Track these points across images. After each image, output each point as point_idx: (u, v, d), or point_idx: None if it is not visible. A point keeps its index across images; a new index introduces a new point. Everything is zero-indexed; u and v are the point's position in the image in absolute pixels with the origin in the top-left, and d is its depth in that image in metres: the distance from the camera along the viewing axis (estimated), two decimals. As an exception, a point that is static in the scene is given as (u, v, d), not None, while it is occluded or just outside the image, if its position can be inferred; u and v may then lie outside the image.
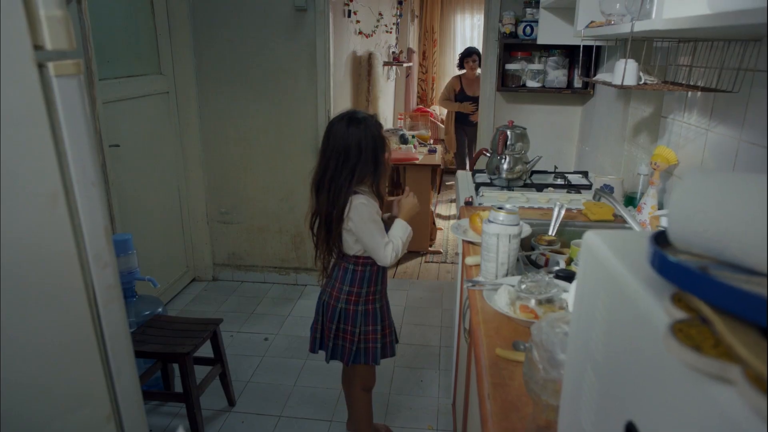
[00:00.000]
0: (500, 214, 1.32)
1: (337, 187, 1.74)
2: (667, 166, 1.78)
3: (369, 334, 1.88)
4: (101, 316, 0.92)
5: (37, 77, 0.78)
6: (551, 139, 3.19)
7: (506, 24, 2.90)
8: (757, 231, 0.44)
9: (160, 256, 3.26)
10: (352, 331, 1.87)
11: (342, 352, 1.91)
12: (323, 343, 1.93)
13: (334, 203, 1.75)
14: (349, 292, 1.84)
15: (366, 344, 1.89)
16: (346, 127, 1.72)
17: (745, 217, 0.45)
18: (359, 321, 1.86)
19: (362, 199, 1.73)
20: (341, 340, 1.89)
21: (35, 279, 0.85)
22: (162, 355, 2.07)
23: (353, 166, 1.72)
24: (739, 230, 0.45)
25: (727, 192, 0.47)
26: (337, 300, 1.85)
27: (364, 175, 1.74)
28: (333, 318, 1.86)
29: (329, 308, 1.87)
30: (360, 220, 1.73)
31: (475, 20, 7.67)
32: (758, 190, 0.45)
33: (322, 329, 1.92)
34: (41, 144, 0.79)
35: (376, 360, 1.90)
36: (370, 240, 1.75)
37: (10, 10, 0.73)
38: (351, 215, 1.72)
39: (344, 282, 1.85)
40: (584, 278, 0.65)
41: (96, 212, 0.87)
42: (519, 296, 1.20)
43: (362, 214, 1.72)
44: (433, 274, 3.96)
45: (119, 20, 2.87)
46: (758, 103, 1.35)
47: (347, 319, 1.86)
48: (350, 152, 1.72)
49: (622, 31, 1.42)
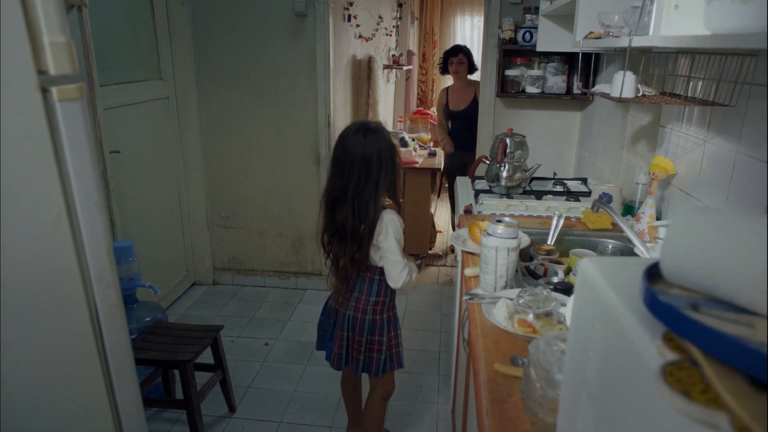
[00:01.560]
0: (499, 227, 1.33)
1: (362, 201, 1.73)
2: (665, 175, 1.79)
3: (392, 340, 1.90)
4: (104, 334, 0.93)
5: (41, 102, 0.79)
6: (550, 144, 3.20)
7: (506, 30, 2.91)
8: (747, 271, 0.45)
9: (160, 260, 3.27)
10: (380, 340, 1.88)
11: (371, 364, 1.90)
12: (349, 358, 1.91)
13: (362, 218, 1.73)
14: (376, 302, 1.85)
15: (391, 351, 1.90)
16: (363, 138, 1.71)
17: (737, 258, 0.46)
18: (385, 329, 1.88)
19: (393, 215, 1.76)
20: (370, 352, 1.89)
21: (39, 299, 0.86)
22: (163, 362, 2.08)
23: (377, 178, 1.72)
24: (730, 270, 0.46)
25: (720, 232, 0.48)
26: (365, 312, 1.85)
27: (386, 185, 1.75)
28: (362, 331, 1.86)
29: (357, 322, 1.86)
30: (390, 237, 1.75)
31: (475, 21, 7.68)
32: (749, 231, 0.46)
33: (348, 345, 1.89)
34: (45, 167, 0.80)
35: (401, 363, 1.93)
36: (391, 257, 1.77)
37: (15, 37, 0.74)
38: (383, 230, 1.74)
39: (371, 293, 1.85)
40: (580, 306, 0.65)
41: (98, 232, 0.88)
42: (517, 310, 1.21)
43: (391, 231, 1.75)
44: (433, 278, 3.97)
45: (120, 26, 2.88)
46: (755, 117, 1.36)
47: (374, 329, 1.87)
48: (372, 163, 1.71)
49: (620, 45, 1.42)
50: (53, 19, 0.76)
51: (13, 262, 0.82)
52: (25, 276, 0.84)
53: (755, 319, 0.45)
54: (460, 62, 3.89)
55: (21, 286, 0.84)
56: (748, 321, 0.44)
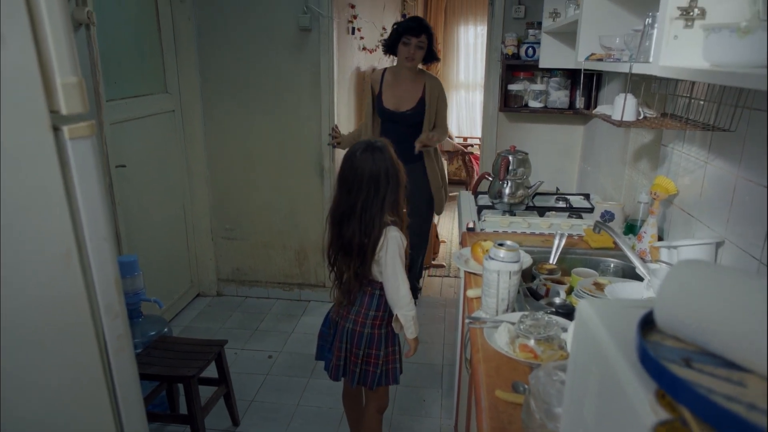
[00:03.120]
0: (501, 251, 1.35)
1: (369, 218, 1.77)
2: (666, 195, 1.80)
3: (390, 356, 1.92)
4: (111, 364, 0.95)
5: (53, 141, 0.81)
6: (553, 158, 3.22)
7: (509, 45, 2.93)
8: (740, 329, 0.46)
9: (165, 271, 3.29)
10: (377, 354, 1.90)
11: (367, 377, 1.93)
12: (347, 369, 1.94)
13: (367, 234, 1.78)
14: (374, 317, 1.88)
15: (387, 366, 1.92)
16: (371, 157, 1.76)
17: (730, 315, 0.47)
18: (383, 344, 1.90)
19: (396, 232, 1.78)
20: (366, 365, 1.92)
21: (49, 330, 0.88)
22: (167, 377, 2.09)
23: (383, 195, 1.77)
24: (723, 327, 0.47)
25: (714, 288, 0.49)
26: (363, 325, 1.88)
27: (392, 202, 1.78)
28: (360, 344, 1.89)
29: (355, 335, 1.89)
30: (392, 254, 1.78)
31: (479, 30, 7.72)
32: (743, 289, 0.48)
33: (346, 356, 1.93)
34: (56, 204, 0.82)
35: (397, 380, 1.94)
36: (392, 275, 1.79)
37: (29, 78, 0.77)
38: (385, 246, 1.77)
39: (370, 307, 1.88)
40: (578, 348, 0.67)
41: (107, 266, 0.90)
42: (519, 335, 1.22)
43: (394, 249, 1.78)
44: (436, 289, 3.98)
45: (126, 41, 2.92)
46: (755, 142, 1.37)
47: (372, 343, 1.89)
48: (379, 181, 1.76)
49: (620, 70, 1.44)
50: (65, 60, 0.78)
51: (25, 295, 0.84)
52: (36, 309, 0.86)
53: (747, 377, 0.46)
54: (419, 45, 2.90)
55: (32, 318, 0.86)
56: (740, 378, 0.46)
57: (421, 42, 2.93)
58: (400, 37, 2.94)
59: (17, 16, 0.71)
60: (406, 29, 2.91)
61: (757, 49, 0.95)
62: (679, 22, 1.13)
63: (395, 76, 3.08)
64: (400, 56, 2.97)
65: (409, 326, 1.85)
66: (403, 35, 2.92)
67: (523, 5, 3.04)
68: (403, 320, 1.84)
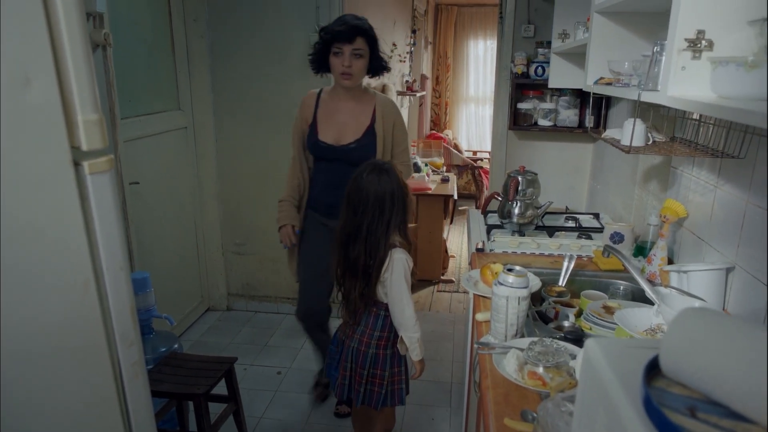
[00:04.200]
0: (510, 277, 1.36)
1: (374, 240, 1.79)
2: (676, 218, 1.80)
3: (395, 376, 1.93)
4: (126, 390, 0.96)
5: (73, 175, 0.83)
6: (563, 176, 3.22)
7: (518, 64, 2.95)
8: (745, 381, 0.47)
9: (175, 286, 3.32)
10: (382, 375, 1.91)
11: (371, 397, 1.93)
12: (352, 388, 1.95)
13: (372, 255, 1.80)
14: (380, 337, 1.89)
15: (393, 386, 1.93)
16: (377, 179, 1.78)
17: (735, 367, 0.48)
18: (387, 364, 1.91)
19: (402, 254, 1.80)
20: (371, 385, 1.93)
21: (66, 357, 0.90)
22: (177, 395, 2.11)
23: (389, 217, 1.79)
24: (728, 377, 0.48)
25: (719, 338, 0.50)
26: (368, 346, 1.89)
27: (398, 223, 1.80)
28: (364, 364, 1.90)
29: (360, 355, 1.90)
30: (397, 276, 1.79)
31: (488, 44, 7.77)
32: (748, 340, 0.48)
33: (351, 376, 1.94)
34: (75, 236, 0.85)
35: (402, 401, 1.94)
36: (397, 296, 1.80)
37: (52, 116, 0.79)
38: (390, 267, 1.79)
39: (375, 328, 1.89)
40: (585, 387, 0.68)
41: (123, 295, 0.92)
42: (527, 362, 1.22)
43: (399, 270, 1.79)
44: (445, 305, 3.98)
45: (141, 60, 2.97)
46: (765, 168, 1.37)
47: (377, 364, 1.90)
48: (385, 203, 1.78)
49: (629, 97, 1.45)
50: (87, 99, 0.81)
51: (45, 322, 0.86)
52: (54, 337, 0.88)
53: (751, 429, 0.47)
54: (356, 54, 2.12)
55: (50, 344, 0.88)
56: (744, 430, 0.47)
57: (357, 49, 2.12)
58: (329, 46, 2.14)
59: (43, 59, 0.73)
60: (333, 35, 2.11)
61: (764, 83, 0.96)
62: (687, 53, 1.14)
63: (333, 100, 2.29)
64: (334, 73, 2.20)
65: (414, 348, 1.86)
66: (332, 44, 2.13)
67: (532, 24, 3.06)
68: (407, 342, 1.85)
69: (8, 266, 0.80)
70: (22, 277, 0.82)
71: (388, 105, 2.32)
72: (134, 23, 2.89)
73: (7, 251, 0.79)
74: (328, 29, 2.15)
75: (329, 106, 2.30)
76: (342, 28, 2.11)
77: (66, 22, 0.74)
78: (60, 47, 0.75)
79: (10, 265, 0.80)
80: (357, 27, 2.12)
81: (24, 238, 0.81)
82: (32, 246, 0.82)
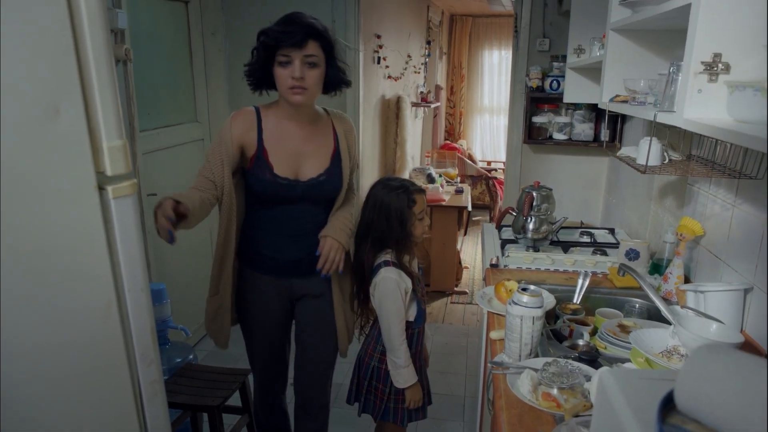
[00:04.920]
0: (524, 297, 1.36)
1: (362, 252, 1.82)
2: (693, 237, 1.79)
3: (399, 395, 1.91)
4: (145, 408, 0.98)
5: (98, 200, 0.85)
6: (578, 189, 3.21)
7: (533, 78, 2.96)
8: (760, 422, 0.47)
9: (191, 296, 3.35)
10: (383, 389, 1.90)
11: (372, 408, 1.95)
12: (358, 394, 1.97)
13: (360, 261, 1.82)
14: (382, 352, 1.88)
15: (396, 404, 1.92)
16: (384, 190, 1.79)
17: (750, 408, 0.48)
18: (389, 380, 1.89)
19: (390, 273, 1.75)
20: (373, 396, 1.94)
21: (88, 376, 0.92)
22: (192, 406, 2.13)
23: (378, 231, 1.78)
24: (743, 419, 0.48)
25: (734, 379, 0.50)
26: (371, 358, 1.90)
27: (386, 244, 1.79)
28: (366, 375, 1.91)
29: (363, 364, 1.92)
30: (381, 294, 1.76)
31: (503, 54, 7.78)
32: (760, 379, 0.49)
33: (358, 382, 1.96)
34: (99, 259, 0.87)
35: (403, 422, 1.93)
36: (382, 316, 1.78)
37: (79, 144, 0.82)
38: (376, 285, 1.78)
39: (378, 342, 1.89)
40: (600, 416, 0.68)
41: (144, 315, 0.94)
42: (541, 382, 1.22)
43: (385, 289, 1.75)
44: (459, 317, 3.97)
45: (160, 73, 3.02)
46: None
47: (379, 377, 1.90)
48: (375, 216, 1.79)
49: (645, 117, 1.45)
50: (112, 126, 0.84)
51: (68, 344, 0.88)
52: (77, 356, 0.90)
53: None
54: (308, 61, 1.62)
55: (73, 366, 0.90)
56: (760, 472, 0.47)
57: (310, 56, 1.61)
58: (272, 53, 1.62)
59: (72, 91, 0.76)
60: (278, 38, 1.58)
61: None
62: (703, 76, 1.14)
63: (281, 123, 1.75)
64: (280, 87, 1.67)
65: (395, 374, 1.82)
66: (277, 50, 1.60)
67: (547, 38, 3.06)
68: (390, 366, 1.82)
69: (35, 288, 0.82)
70: (47, 298, 0.84)
71: (346, 122, 1.90)
72: (154, 37, 2.94)
73: (34, 274, 0.82)
74: (270, 31, 1.61)
75: (278, 131, 1.74)
76: (290, 29, 1.58)
77: (94, 55, 0.76)
78: (88, 79, 0.78)
79: (37, 287, 0.82)
80: (310, 27, 1.59)
81: (50, 261, 0.83)
82: (57, 268, 0.84)
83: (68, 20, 0.76)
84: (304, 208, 1.77)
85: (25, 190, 0.78)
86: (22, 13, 0.71)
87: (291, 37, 1.58)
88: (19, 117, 0.74)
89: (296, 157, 1.75)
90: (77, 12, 0.77)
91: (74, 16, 0.77)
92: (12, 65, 0.71)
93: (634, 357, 1.32)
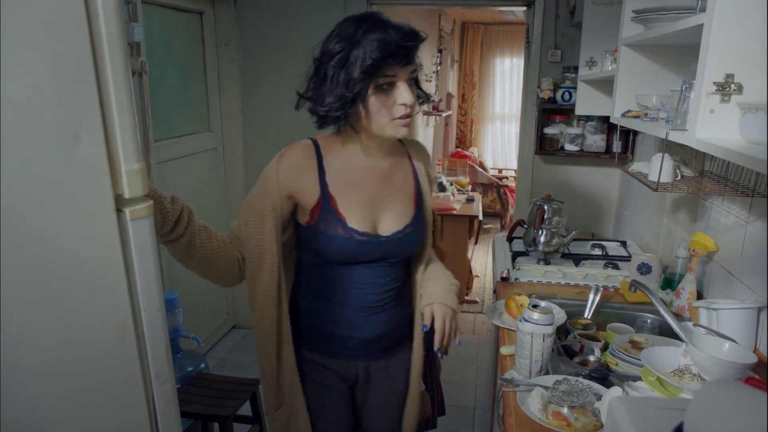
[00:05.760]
0: (534, 314, 1.36)
1: None
2: (705, 252, 1.78)
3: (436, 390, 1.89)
4: (159, 425, 0.99)
5: (116, 222, 0.87)
6: (589, 201, 3.20)
7: (545, 90, 2.96)
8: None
9: (202, 304, 3.38)
10: None
11: None
12: None
13: None
14: None
15: None
16: None
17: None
18: None
19: None
20: None
21: (103, 393, 0.93)
22: (203, 416, 2.15)
23: None
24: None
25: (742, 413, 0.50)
26: None
27: None
28: None
29: None
30: None
31: (515, 61, 7.77)
32: None
33: None
34: (116, 279, 0.88)
35: None
36: None
37: (98, 168, 0.84)
38: None
39: None
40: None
41: (159, 334, 0.95)
42: (551, 401, 1.22)
43: None
44: (469, 326, 3.97)
45: (174, 83, 3.06)
46: (796, 208, 1.35)
47: None
48: None
49: (657, 134, 1.45)
50: (131, 150, 0.85)
51: (84, 360, 0.90)
52: (93, 375, 0.92)
53: None
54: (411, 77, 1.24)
55: (89, 384, 0.92)
56: None
57: (414, 72, 1.26)
58: (370, 76, 1.19)
59: (92, 117, 0.78)
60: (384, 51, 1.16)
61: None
62: (716, 96, 1.14)
63: (347, 160, 1.38)
64: (378, 120, 1.25)
65: None
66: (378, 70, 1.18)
67: (559, 49, 3.07)
68: None
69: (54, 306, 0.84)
70: (65, 316, 0.86)
71: (423, 152, 1.49)
72: (168, 48, 2.98)
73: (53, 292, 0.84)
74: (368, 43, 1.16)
75: (347, 171, 1.36)
76: (398, 39, 1.16)
77: (114, 82, 0.78)
78: (107, 102, 0.80)
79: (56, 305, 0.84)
80: (416, 35, 1.20)
81: (69, 280, 0.85)
82: (76, 288, 0.86)
83: (89, 43, 0.78)
84: (382, 270, 1.36)
85: (46, 213, 0.80)
86: (47, 42, 0.73)
87: (400, 50, 1.16)
88: (43, 144, 0.76)
89: (373, 204, 1.35)
90: (97, 33, 0.79)
91: (94, 37, 0.79)
92: (35, 93, 0.73)
93: (645, 375, 1.31)
